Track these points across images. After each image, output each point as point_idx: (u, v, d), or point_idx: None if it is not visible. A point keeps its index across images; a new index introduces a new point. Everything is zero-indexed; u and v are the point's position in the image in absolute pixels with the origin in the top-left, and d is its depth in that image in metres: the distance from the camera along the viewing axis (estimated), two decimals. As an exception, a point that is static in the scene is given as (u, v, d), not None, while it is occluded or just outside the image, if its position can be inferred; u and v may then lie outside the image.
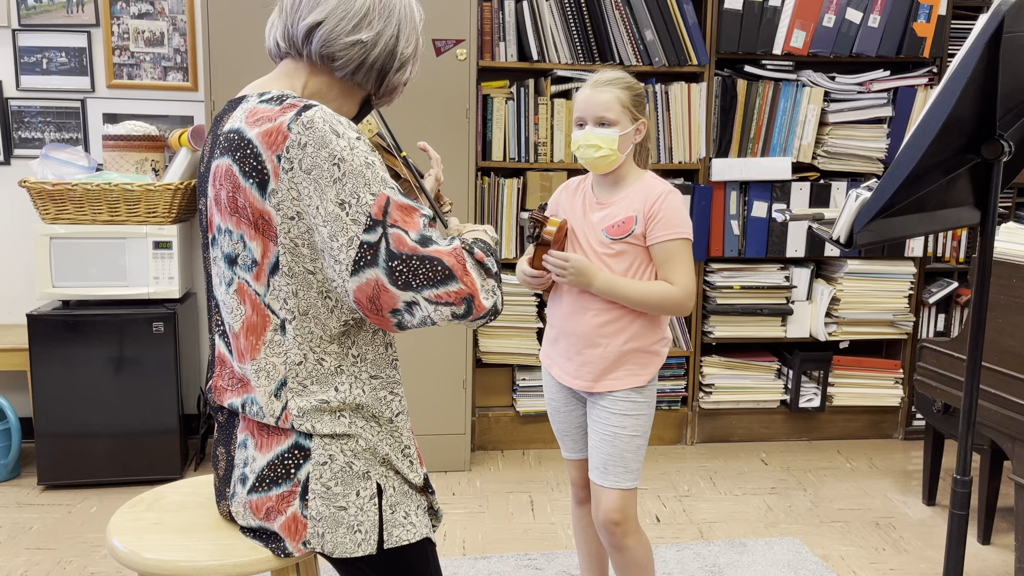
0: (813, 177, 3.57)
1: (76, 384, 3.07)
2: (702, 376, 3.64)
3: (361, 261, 1.25)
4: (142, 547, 1.40)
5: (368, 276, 1.26)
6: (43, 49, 3.39)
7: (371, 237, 1.25)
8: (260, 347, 1.34)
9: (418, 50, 1.47)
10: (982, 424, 2.55)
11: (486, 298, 1.29)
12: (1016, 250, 2.53)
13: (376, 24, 1.37)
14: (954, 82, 1.33)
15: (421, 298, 1.26)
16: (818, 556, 2.72)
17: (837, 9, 3.43)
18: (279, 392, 1.34)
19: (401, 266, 1.25)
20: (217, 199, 1.33)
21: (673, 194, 1.98)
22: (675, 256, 1.96)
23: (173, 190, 3.08)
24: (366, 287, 1.26)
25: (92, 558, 2.65)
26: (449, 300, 1.27)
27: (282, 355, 1.33)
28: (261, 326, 1.33)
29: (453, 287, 1.26)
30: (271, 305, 1.32)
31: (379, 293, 1.26)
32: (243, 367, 1.37)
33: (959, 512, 1.56)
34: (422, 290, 1.26)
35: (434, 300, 1.26)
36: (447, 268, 1.26)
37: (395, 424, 1.41)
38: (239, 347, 1.36)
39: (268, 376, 1.34)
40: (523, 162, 3.41)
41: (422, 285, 1.26)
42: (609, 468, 1.99)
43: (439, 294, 1.26)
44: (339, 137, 1.26)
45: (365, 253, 1.25)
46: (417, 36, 1.45)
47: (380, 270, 1.25)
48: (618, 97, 1.94)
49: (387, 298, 1.26)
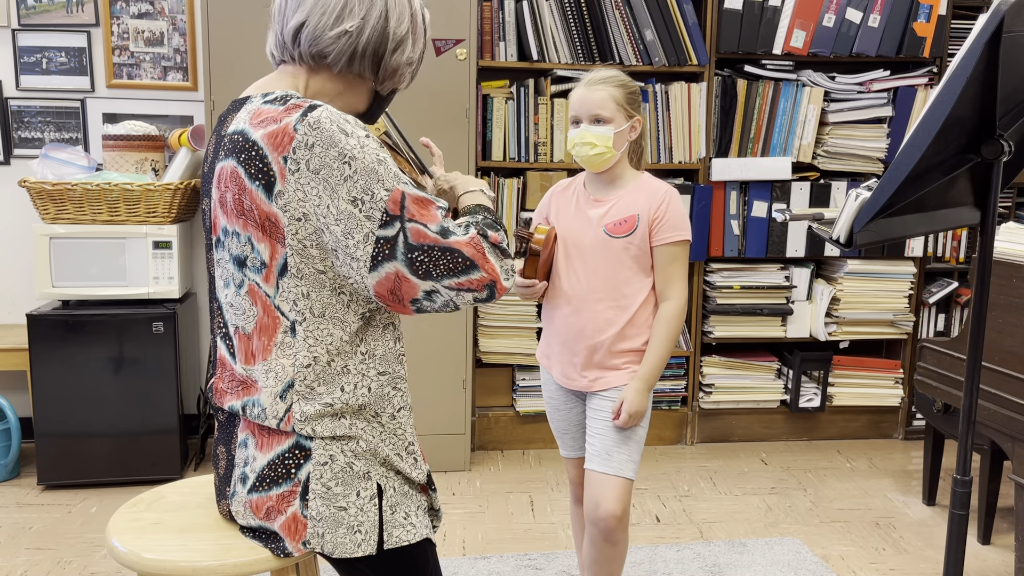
0: (813, 177, 3.57)
1: (76, 384, 3.07)
2: (702, 376, 3.64)
3: (379, 256, 1.27)
4: (142, 547, 1.40)
5: (387, 270, 1.27)
6: (43, 49, 3.39)
7: (388, 232, 1.26)
8: (272, 348, 1.34)
9: (418, 26, 1.44)
10: (982, 424, 2.55)
11: (506, 279, 1.34)
12: (1016, 250, 2.53)
13: (357, 11, 1.36)
14: (954, 82, 1.33)
15: (441, 287, 1.29)
16: (818, 556, 2.72)
17: (837, 9, 3.42)
18: (285, 394, 1.34)
19: (422, 256, 1.27)
20: (222, 201, 1.33)
21: (675, 194, 2.01)
22: (676, 260, 1.99)
23: (173, 190, 3.08)
24: (386, 281, 1.28)
25: (92, 558, 2.65)
26: (471, 287, 1.30)
27: (291, 356, 1.33)
28: (272, 328, 1.33)
29: (475, 275, 1.30)
30: (280, 307, 1.32)
31: (400, 284, 1.28)
32: (248, 369, 1.37)
33: (959, 512, 1.56)
34: (442, 279, 1.28)
35: (455, 287, 1.29)
36: (468, 259, 1.29)
37: (397, 420, 1.41)
38: (250, 348, 1.36)
39: (276, 377, 1.34)
40: (523, 162, 3.41)
41: (442, 275, 1.28)
42: (612, 455, 1.98)
43: (460, 282, 1.29)
44: (348, 136, 1.26)
45: (383, 248, 1.26)
46: (412, 12, 1.42)
47: (399, 262, 1.27)
48: (612, 95, 1.95)
49: (408, 288, 1.28)
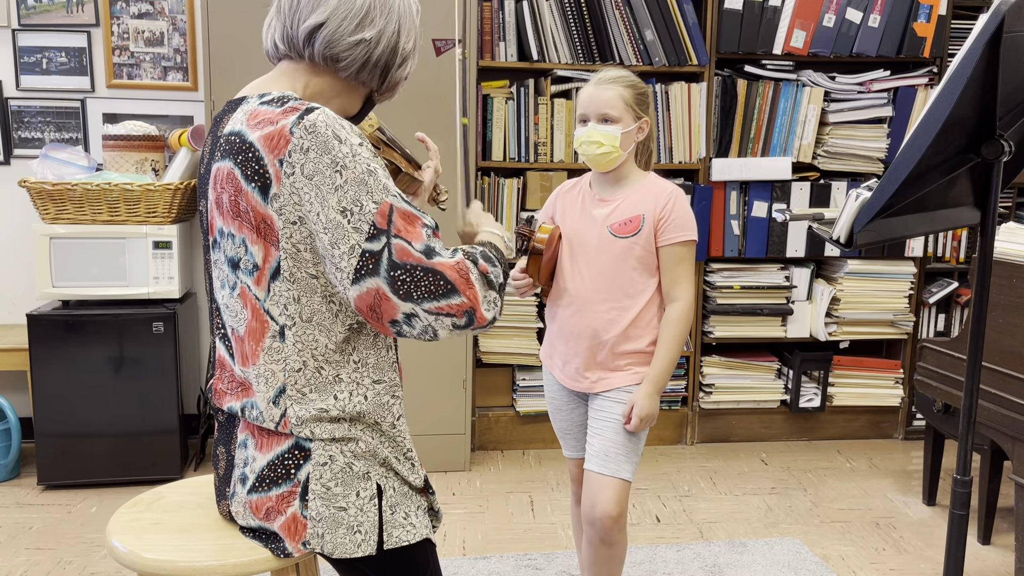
0: (813, 177, 3.57)
1: (76, 384, 3.07)
2: (702, 376, 3.64)
3: (363, 270, 1.25)
4: (142, 547, 1.40)
5: (369, 285, 1.25)
6: (43, 49, 3.39)
7: (374, 246, 1.25)
8: (260, 353, 1.33)
9: (417, 44, 1.46)
10: (982, 424, 2.55)
11: (487, 310, 1.30)
12: (1016, 250, 2.53)
13: (378, 22, 1.37)
14: (954, 82, 1.33)
15: (421, 310, 1.26)
16: (818, 556, 2.72)
17: (837, 9, 3.42)
18: (277, 399, 1.33)
19: (404, 275, 1.25)
20: (219, 202, 1.32)
21: (681, 194, 2.01)
22: (683, 260, 1.99)
23: (173, 190, 3.08)
24: (367, 296, 1.26)
25: (92, 558, 2.65)
26: (451, 312, 1.27)
27: (281, 362, 1.33)
28: (260, 332, 1.33)
29: (455, 300, 1.27)
30: (270, 311, 1.31)
31: (380, 302, 1.26)
32: (245, 371, 1.37)
33: (959, 512, 1.56)
34: (422, 302, 1.25)
35: (434, 312, 1.26)
36: (449, 282, 1.26)
37: (397, 428, 1.41)
38: (243, 351, 1.36)
39: (267, 383, 1.33)
40: (523, 162, 3.41)
41: (423, 297, 1.25)
42: (611, 455, 1.98)
43: (440, 306, 1.26)
44: (341, 143, 1.25)
45: (367, 262, 1.25)
46: (416, 31, 1.45)
47: (381, 279, 1.25)
48: (621, 95, 1.95)
49: (387, 307, 1.26)
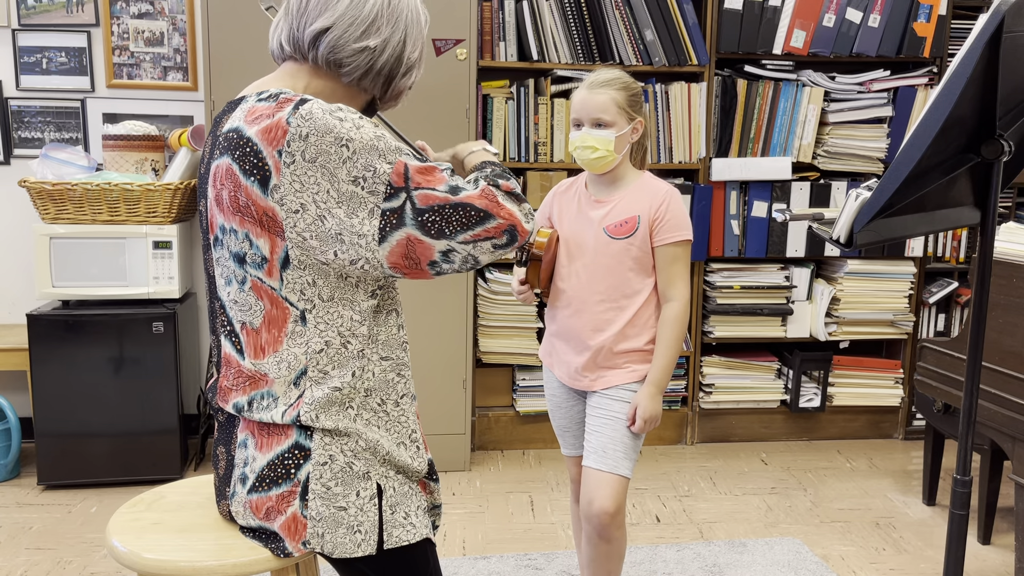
0: (813, 177, 3.57)
1: (76, 384, 3.07)
2: (702, 376, 3.64)
3: (387, 227, 1.27)
4: (142, 547, 1.40)
5: (398, 236, 1.28)
6: (43, 49, 3.39)
7: (393, 204, 1.27)
8: (283, 339, 1.34)
9: (423, 54, 1.47)
10: (982, 424, 2.55)
11: (527, 222, 1.35)
12: (1016, 250, 2.53)
13: (384, 30, 1.37)
14: (954, 82, 1.33)
15: (456, 243, 1.29)
16: (818, 556, 2.72)
17: (837, 9, 3.42)
18: (299, 380, 1.34)
19: (433, 216, 1.28)
20: (218, 199, 1.33)
21: (676, 194, 2.01)
22: (678, 260, 1.99)
23: (173, 190, 3.08)
24: (399, 247, 1.28)
25: (92, 558, 2.65)
26: (489, 235, 1.30)
27: (303, 345, 1.34)
28: (281, 319, 1.34)
29: (491, 224, 1.30)
30: (288, 298, 1.33)
31: (414, 247, 1.29)
32: (258, 363, 1.37)
33: (959, 512, 1.56)
34: (456, 235, 1.29)
35: (471, 240, 1.30)
36: (480, 210, 1.30)
37: (401, 407, 1.41)
38: (259, 343, 1.36)
39: (289, 366, 1.34)
40: (523, 162, 3.41)
41: (456, 231, 1.29)
42: (609, 452, 1.98)
43: (476, 234, 1.30)
44: (342, 121, 1.27)
45: (389, 219, 1.27)
46: (423, 41, 1.45)
47: (410, 227, 1.28)
48: (614, 98, 1.95)
49: (423, 249, 1.29)
